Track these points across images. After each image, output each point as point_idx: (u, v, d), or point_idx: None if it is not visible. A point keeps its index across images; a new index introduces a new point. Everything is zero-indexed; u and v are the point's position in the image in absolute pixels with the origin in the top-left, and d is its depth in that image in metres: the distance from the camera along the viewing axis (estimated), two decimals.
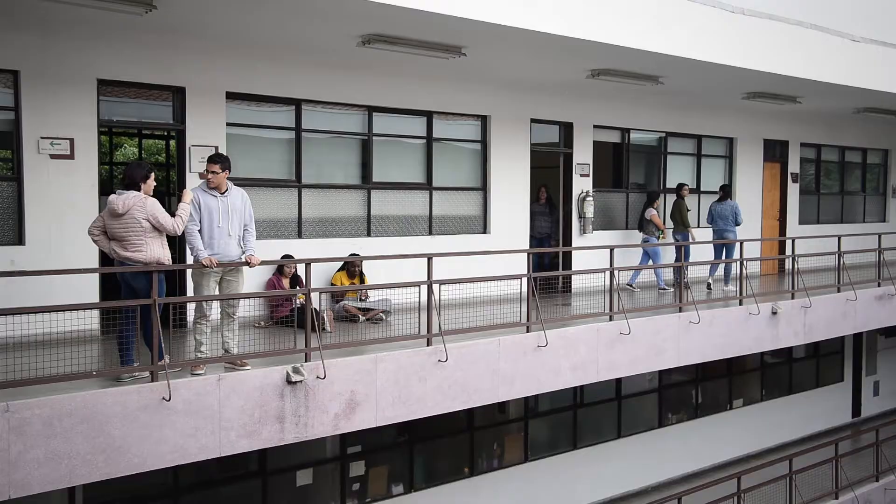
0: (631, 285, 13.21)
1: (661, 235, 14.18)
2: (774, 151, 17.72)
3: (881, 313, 14.50)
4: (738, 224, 14.39)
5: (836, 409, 19.27)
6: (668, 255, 13.96)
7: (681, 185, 14.68)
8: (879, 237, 15.04)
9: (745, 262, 12.46)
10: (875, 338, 20.01)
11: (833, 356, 19.15)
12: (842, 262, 13.65)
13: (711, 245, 14.38)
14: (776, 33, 12.15)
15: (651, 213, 14.05)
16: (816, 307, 12.87)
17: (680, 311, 11.13)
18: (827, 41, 13.03)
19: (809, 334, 13.16)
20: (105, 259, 7.92)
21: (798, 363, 18.40)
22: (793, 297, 12.71)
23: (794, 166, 18.07)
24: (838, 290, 13.53)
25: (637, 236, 14.52)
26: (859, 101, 15.71)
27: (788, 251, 13.75)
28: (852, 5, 13.61)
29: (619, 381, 14.39)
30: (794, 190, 18.11)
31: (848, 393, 19.68)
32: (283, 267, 10.13)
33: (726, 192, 14.78)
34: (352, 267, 10.62)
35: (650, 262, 13.57)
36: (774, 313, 12.22)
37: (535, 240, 13.68)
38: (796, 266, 12.90)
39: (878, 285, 14.26)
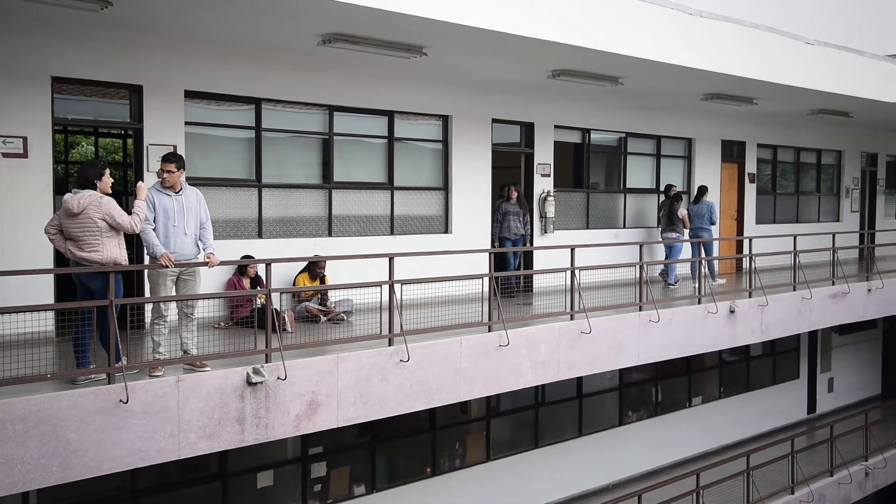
0: (667, 280, 13.90)
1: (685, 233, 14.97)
2: (732, 152, 17.98)
3: (835, 311, 14.79)
4: (712, 223, 15.09)
5: (791, 405, 19.61)
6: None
7: (669, 187, 15.36)
8: (833, 236, 15.33)
9: (703, 261, 12.64)
10: (829, 335, 20.41)
11: (789, 354, 19.49)
12: (797, 262, 13.89)
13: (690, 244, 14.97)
14: (733, 35, 12.33)
15: (682, 212, 14.70)
16: (773, 306, 13.07)
17: (640, 309, 11.23)
18: (782, 44, 13.27)
19: (766, 332, 13.37)
20: (60, 259, 7.78)
21: (755, 361, 18.69)
22: (750, 296, 12.90)
23: (751, 166, 18.35)
24: (794, 289, 13.75)
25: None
26: (814, 103, 16.01)
27: (746, 250, 13.96)
28: (807, 9, 13.87)
29: (579, 379, 14.50)
30: (751, 190, 18.39)
31: (803, 390, 20.04)
32: (243, 267, 10.04)
33: (702, 192, 15.41)
34: (315, 268, 10.56)
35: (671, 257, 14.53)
36: (732, 312, 12.40)
37: (510, 241, 13.16)
38: (753, 265, 13.10)
39: (833, 284, 14.53)
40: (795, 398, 19.79)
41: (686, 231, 14.77)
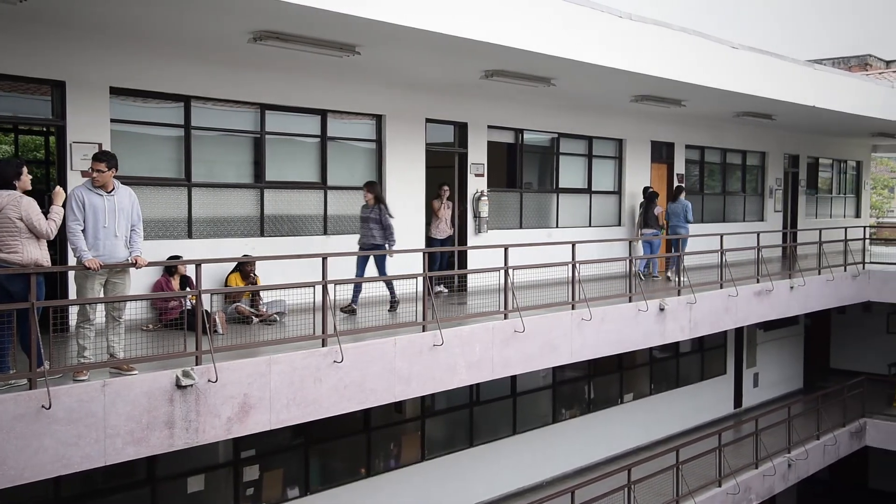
0: (648, 275, 14.69)
1: (664, 231, 15.99)
2: (661, 152, 18.35)
3: (760, 308, 15.22)
4: (688, 221, 15.88)
5: (719, 400, 20.11)
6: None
7: (646, 188, 16.40)
8: (758, 236, 15.78)
9: (633, 259, 12.86)
10: (754, 332, 20.99)
11: (717, 350, 19.97)
12: (724, 260, 14.24)
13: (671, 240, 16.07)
14: (661, 39, 12.58)
15: (659, 210, 15.71)
16: (701, 303, 13.38)
17: (573, 308, 11.36)
18: (708, 47, 13.60)
19: (695, 329, 13.68)
20: None
21: (684, 357, 19.10)
22: (679, 294, 13.18)
23: (679, 167, 18.75)
24: (721, 287, 14.10)
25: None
26: (738, 106, 16.44)
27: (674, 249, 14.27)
28: (729, 13, 14.25)
29: (513, 378, 14.60)
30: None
31: (730, 385, 20.56)
32: (171, 267, 9.82)
33: (678, 192, 16.21)
34: (246, 267, 10.40)
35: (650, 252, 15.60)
36: (662, 310, 12.65)
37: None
38: (682, 264, 13.38)
39: (758, 282, 14.94)
40: (723, 393, 20.30)
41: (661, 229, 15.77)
